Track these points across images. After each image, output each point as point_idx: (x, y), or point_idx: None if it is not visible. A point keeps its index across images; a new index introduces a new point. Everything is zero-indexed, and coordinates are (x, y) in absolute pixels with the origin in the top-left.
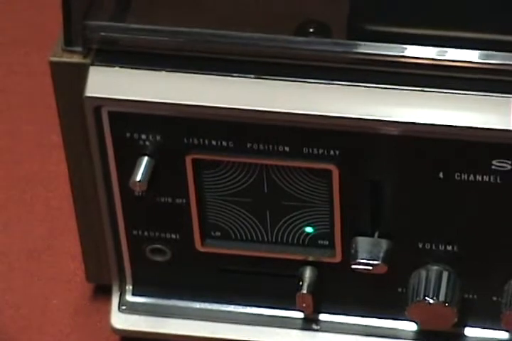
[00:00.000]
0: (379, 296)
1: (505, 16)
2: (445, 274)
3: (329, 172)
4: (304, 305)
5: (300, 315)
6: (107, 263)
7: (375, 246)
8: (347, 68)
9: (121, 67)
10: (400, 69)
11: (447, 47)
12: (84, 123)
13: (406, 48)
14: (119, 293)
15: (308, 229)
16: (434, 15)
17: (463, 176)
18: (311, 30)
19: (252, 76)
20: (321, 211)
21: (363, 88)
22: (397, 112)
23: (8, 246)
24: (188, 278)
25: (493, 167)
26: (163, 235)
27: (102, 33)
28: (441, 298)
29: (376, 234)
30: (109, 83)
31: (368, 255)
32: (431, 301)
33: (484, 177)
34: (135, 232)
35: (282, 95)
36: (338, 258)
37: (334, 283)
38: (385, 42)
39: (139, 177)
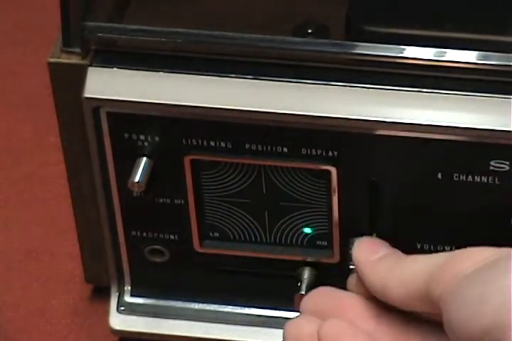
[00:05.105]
0: None
1: (504, 17)
2: None
3: (327, 172)
4: None
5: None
6: (106, 264)
7: None
8: (345, 69)
9: (119, 68)
10: (399, 70)
11: (446, 48)
12: (82, 124)
13: (404, 49)
14: (117, 294)
15: (307, 230)
16: (432, 16)
17: (461, 177)
18: (310, 31)
19: (250, 77)
20: (320, 212)
21: (362, 89)
22: (395, 113)
23: (6, 246)
24: (186, 278)
25: (491, 167)
26: (161, 236)
27: (100, 34)
28: None
29: (374, 235)
30: (107, 84)
31: None
32: None
33: (482, 177)
34: (133, 233)
35: (280, 96)
36: (336, 259)
37: (332, 283)
38: (384, 43)
39: (137, 178)
